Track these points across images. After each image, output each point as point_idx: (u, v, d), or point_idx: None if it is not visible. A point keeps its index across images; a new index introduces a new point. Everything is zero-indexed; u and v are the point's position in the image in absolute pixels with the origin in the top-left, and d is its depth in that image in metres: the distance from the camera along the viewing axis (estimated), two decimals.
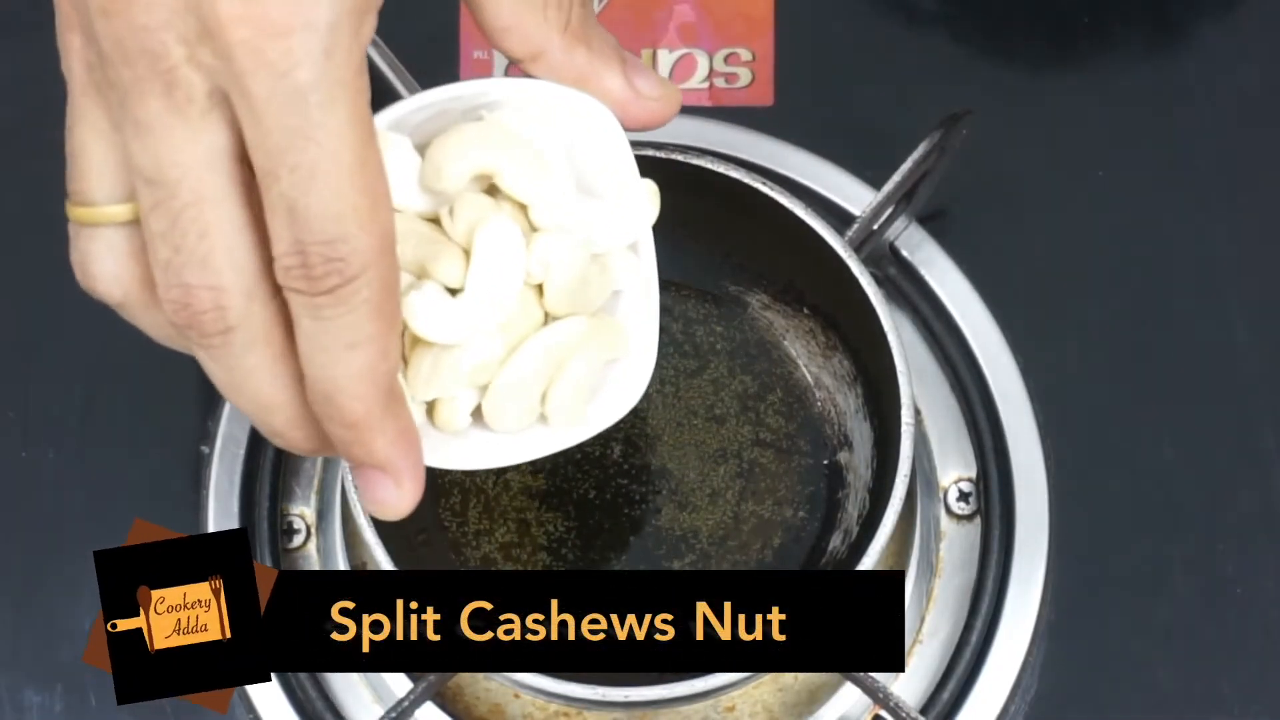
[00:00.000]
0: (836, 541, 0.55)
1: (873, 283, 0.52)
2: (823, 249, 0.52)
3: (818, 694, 0.56)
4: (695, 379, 0.58)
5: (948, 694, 0.55)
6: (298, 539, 0.58)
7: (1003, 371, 0.59)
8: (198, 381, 0.56)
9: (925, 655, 0.57)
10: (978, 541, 0.58)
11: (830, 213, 0.59)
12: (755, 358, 0.58)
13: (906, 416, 0.51)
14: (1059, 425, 0.58)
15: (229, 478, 0.58)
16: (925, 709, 0.55)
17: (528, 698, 0.56)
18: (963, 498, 0.58)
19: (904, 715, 0.51)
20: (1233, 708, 0.57)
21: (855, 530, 0.55)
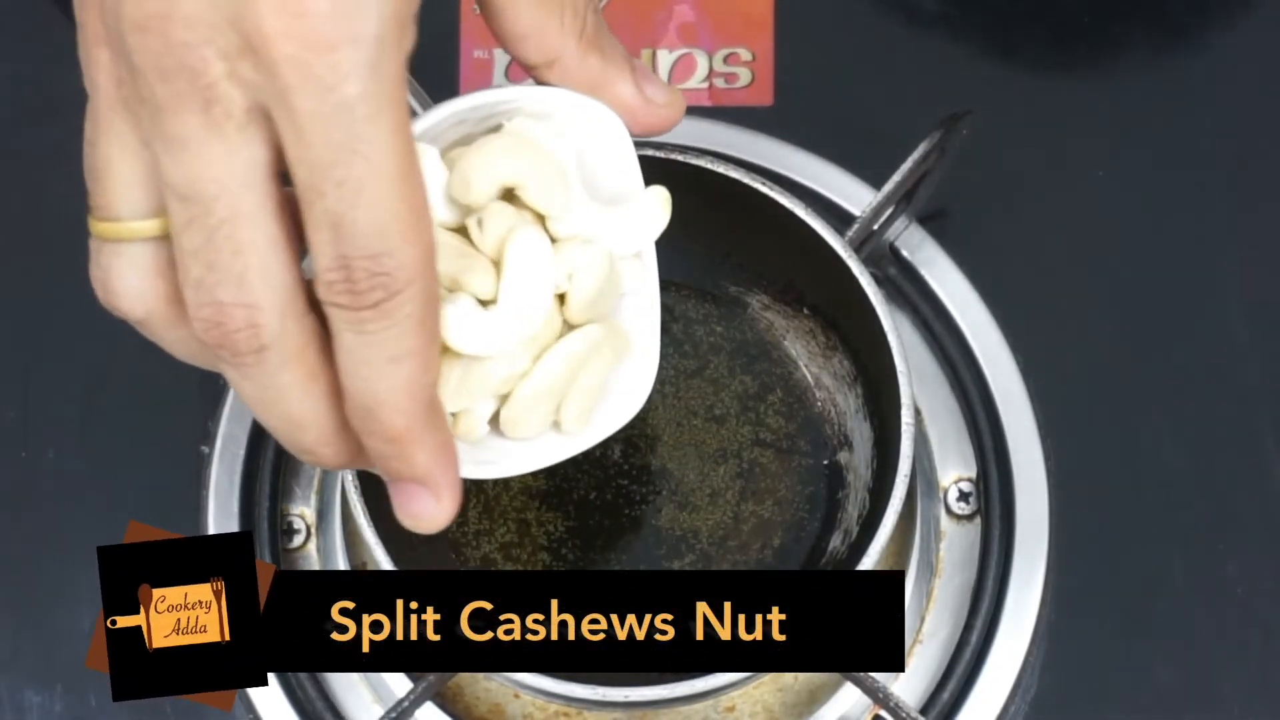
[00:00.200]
0: (836, 541, 0.55)
1: (873, 283, 0.52)
2: (823, 249, 0.52)
3: (818, 694, 0.56)
4: (695, 379, 0.58)
5: (948, 694, 0.55)
6: (298, 539, 0.58)
7: (1003, 371, 0.59)
8: (198, 382, 0.57)
9: (925, 655, 0.57)
10: (978, 542, 0.58)
11: (830, 213, 0.59)
12: (755, 358, 0.58)
13: (906, 416, 0.51)
14: (1059, 425, 0.58)
15: (229, 478, 0.58)
16: (925, 709, 0.55)
17: (528, 698, 0.56)
18: (963, 498, 0.58)
19: (904, 715, 0.51)
20: (1233, 708, 0.57)
21: (855, 530, 0.55)
